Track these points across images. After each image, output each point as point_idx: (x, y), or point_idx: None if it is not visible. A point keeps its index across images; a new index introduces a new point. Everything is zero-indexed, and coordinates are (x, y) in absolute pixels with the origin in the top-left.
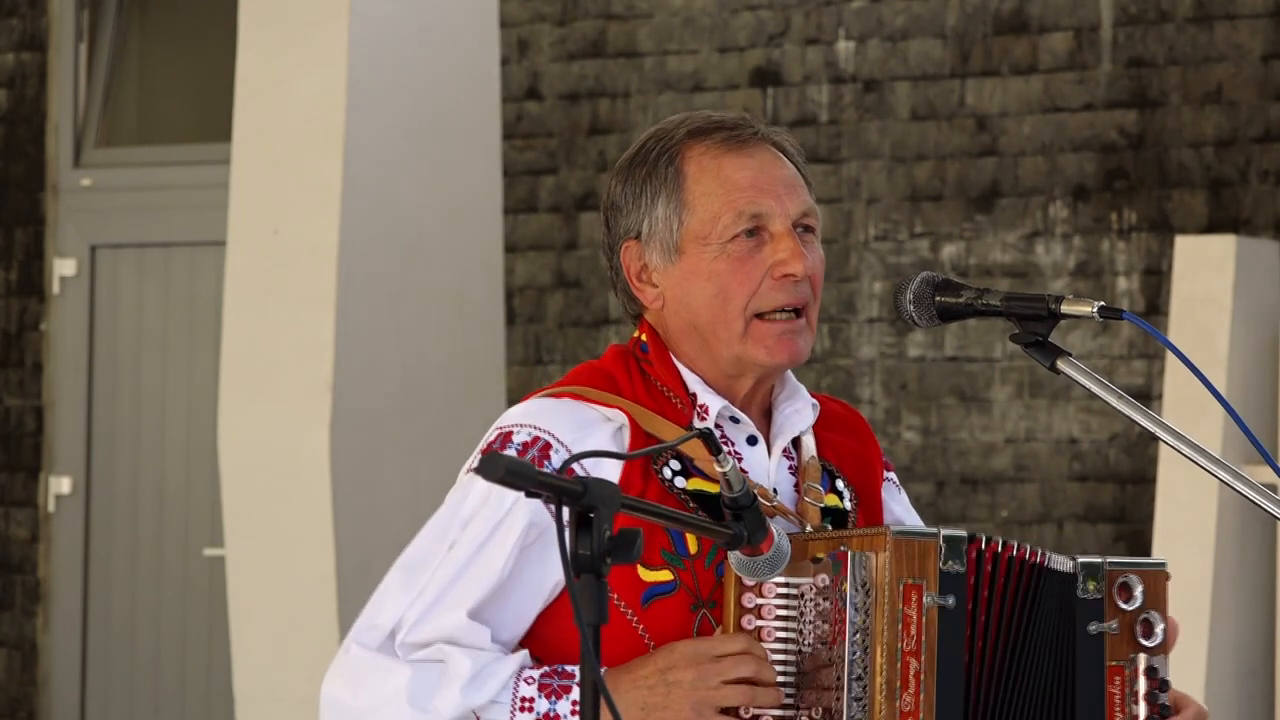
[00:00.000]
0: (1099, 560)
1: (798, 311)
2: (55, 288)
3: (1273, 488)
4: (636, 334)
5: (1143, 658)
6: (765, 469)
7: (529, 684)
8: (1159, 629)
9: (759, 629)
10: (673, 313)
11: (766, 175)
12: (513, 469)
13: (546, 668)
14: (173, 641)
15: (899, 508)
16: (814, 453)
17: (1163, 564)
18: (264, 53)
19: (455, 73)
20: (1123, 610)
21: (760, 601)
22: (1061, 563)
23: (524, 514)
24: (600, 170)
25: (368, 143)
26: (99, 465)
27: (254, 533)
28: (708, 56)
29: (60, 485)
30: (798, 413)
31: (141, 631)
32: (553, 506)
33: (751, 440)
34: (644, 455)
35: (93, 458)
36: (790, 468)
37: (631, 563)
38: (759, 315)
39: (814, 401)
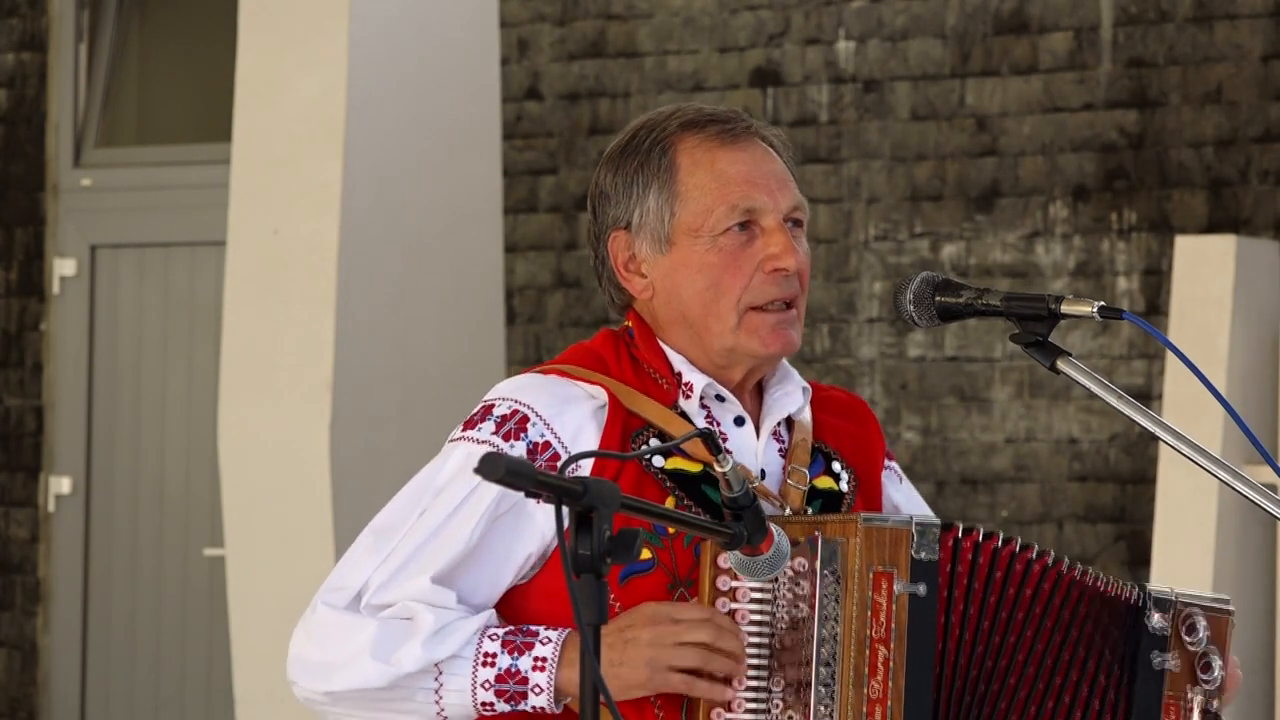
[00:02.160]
0: (1169, 592)
1: (788, 304)
2: (55, 288)
3: (1273, 488)
4: (625, 322)
5: (1200, 696)
6: (753, 450)
7: (492, 640)
8: (1217, 668)
9: (733, 611)
10: (663, 303)
11: (759, 170)
12: (513, 469)
13: (512, 626)
14: (173, 641)
15: (900, 496)
16: (807, 434)
17: (1228, 604)
18: (264, 53)
19: (455, 73)
20: (1187, 647)
21: (735, 584)
22: (1125, 588)
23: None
24: None
25: (368, 143)
26: (99, 465)
27: (254, 533)
28: (708, 56)
29: (60, 485)
30: (787, 395)
31: (141, 631)
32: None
33: (739, 421)
34: (633, 457)
35: (93, 458)
36: (780, 450)
37: (632, 562)
38: (752, 307)
39: (805, 385)
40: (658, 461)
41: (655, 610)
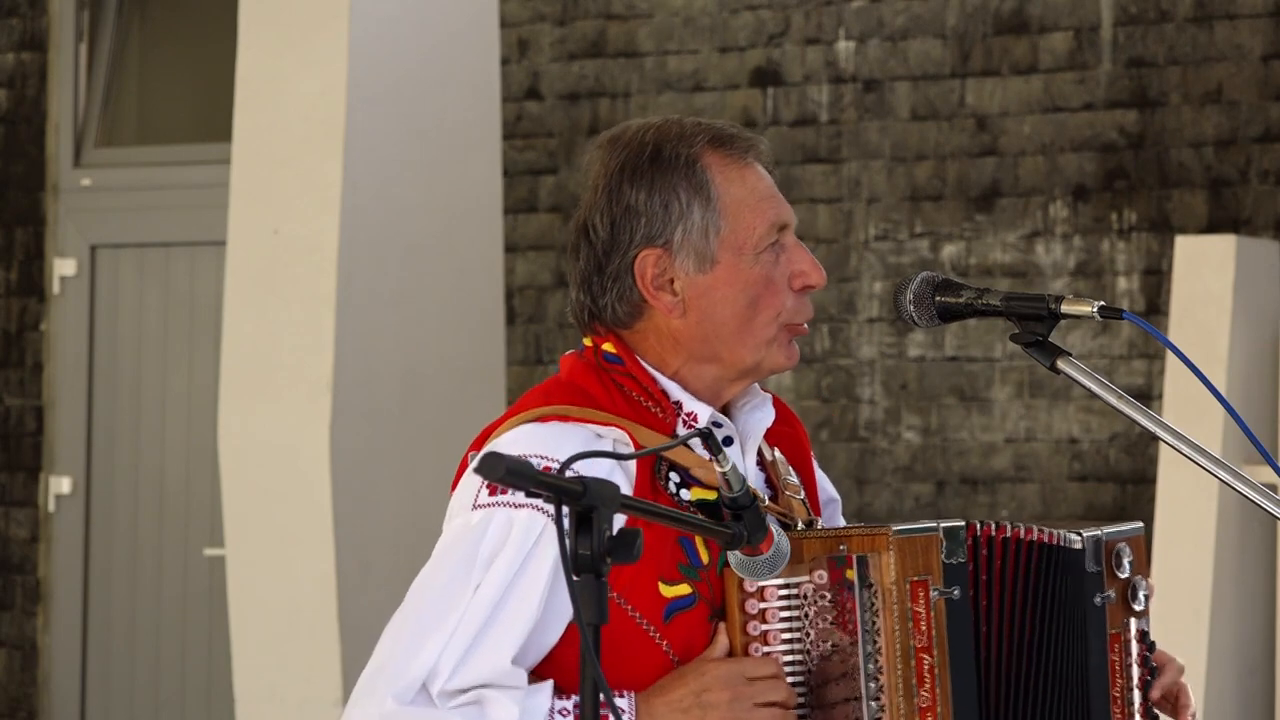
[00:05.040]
0: (1099, 533)
1: None
2: (55, 288)
3: (1273, 488)
4: (592, 344)
5: (1134, 622)
6: (742, 468)
7: (564, 716)
8: (1143, 593)
9: (764, 633)
10: (694, 321)
11: (774, 187)
12: (513, 468)
13: (576, 698)
14: (173, 641)
15: (823, 480)
16: (769, 446)
17: (1141, 527)
18: (264, 53)
19: (455, 73)
20: (1118, 578)
21: (763, 605)
22: (1071, 539)
23: (550, 549)
24: None
25: (368, 143)
26: (99, 465)
27: (254, 533)
28: (708, 56)
29: (60, 485)
30: (758, 410)
31: (141, 631)
32: (552, 508)
33: (728, 441)
34: (639, 456)
35: (93, 458)
36: (759, 464)
37: (632, 562)
38: (785, 325)
39: (768, 396)
40: (684, 495)
41: (730, 672)
